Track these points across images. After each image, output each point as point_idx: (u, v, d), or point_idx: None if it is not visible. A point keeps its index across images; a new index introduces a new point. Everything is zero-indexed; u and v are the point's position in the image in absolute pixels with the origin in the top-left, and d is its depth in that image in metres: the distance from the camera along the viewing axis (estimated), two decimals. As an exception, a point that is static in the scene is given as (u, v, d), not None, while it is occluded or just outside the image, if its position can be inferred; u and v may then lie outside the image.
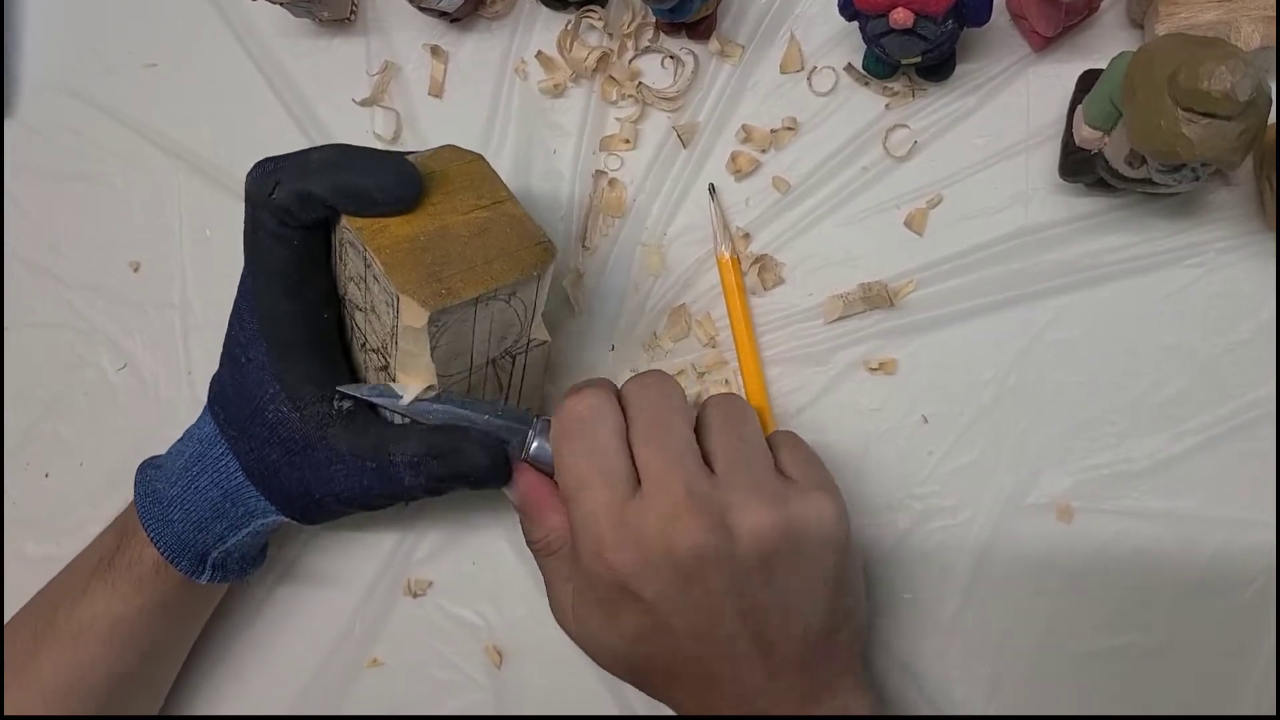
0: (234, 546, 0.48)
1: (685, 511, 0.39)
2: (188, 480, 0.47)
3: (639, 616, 0.40)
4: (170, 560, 0.47)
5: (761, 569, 0.40)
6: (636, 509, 0.40)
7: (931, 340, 0.51)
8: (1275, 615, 0.47)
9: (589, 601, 0.42)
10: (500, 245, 0.42)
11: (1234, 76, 0.38)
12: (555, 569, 0.44)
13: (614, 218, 0.54)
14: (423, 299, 0.40)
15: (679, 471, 0.40)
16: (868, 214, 0.52)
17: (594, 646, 0.43)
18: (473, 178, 0.44)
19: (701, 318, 0.53)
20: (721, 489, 0.40)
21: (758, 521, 0.40)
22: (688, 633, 0.40)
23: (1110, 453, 0.49)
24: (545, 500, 0.43)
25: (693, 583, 0.39)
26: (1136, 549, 0.48)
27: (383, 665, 0.54)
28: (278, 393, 0.44)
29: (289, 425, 0.44)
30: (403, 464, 0.43)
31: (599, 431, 0.41)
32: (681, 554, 0.39)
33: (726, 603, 0.39)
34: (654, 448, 0.41)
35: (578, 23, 0.54)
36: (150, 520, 0.47)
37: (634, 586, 0.39)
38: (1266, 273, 0.48)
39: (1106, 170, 0.46)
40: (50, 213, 0.61)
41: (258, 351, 0.44)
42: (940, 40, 0.46)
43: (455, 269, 0.41)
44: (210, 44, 0.59)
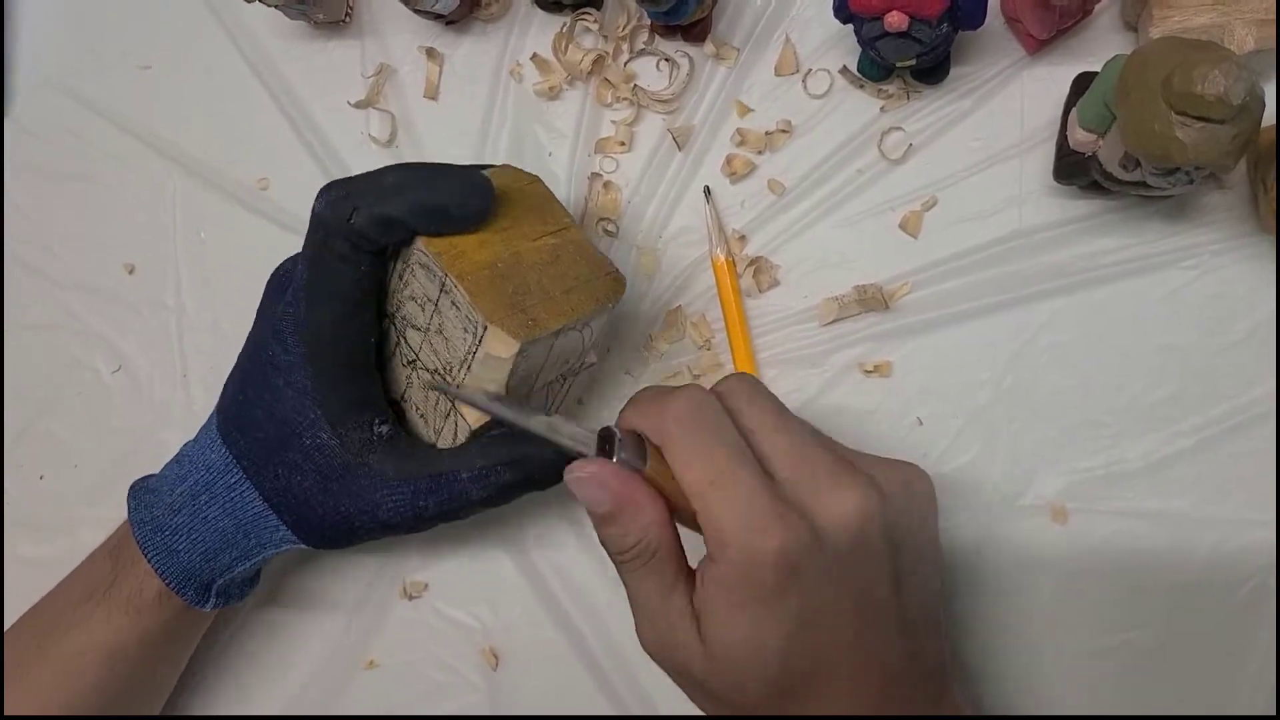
0: (241, 575, 0.48)
1: (842, 477, 0.37)
2: (193, 510, 0.46)
3: (801, 599, 0.36)
4: (175, 590, 0.46)
5: (902, 536, 0.38)
6: (789, 487, 0.37)
7: (926, 342, 0.51)
8: (1275, 614, 0.47)
9: (738, 602, 0.37)
10: (574, 275, 0.43)
11: (1227, 80, 0.38)
12: (653, 580, 0.39)
13: (609, 220, 0.54)
14: (512, 330, 0.40)
15: (814, 447, 0.38)
16: (863, 216, 0.52)
17: (738, 657, 0.37)
18: (535, 201, 0.45)
19: (697, 320, 0.53)
20: (838, 455, 0.39)
21: (895, 480, 0.39)
22: (850, 605, 0.37)
23: (1105, 454, 0.49)
24: (643, 494, 0.38)
25: (858, 549, 0.37)
26: (1131, 549, 0.48)
27: (379, 667, 0.54)
28: (318, 418, 0.43)
29: (327, 452, 0.43)
30: (469, 479, 0.43)
31: (721, 422, 0.38)
32: (852, 517, 0.37)
33: (883, 575, 0.38)
34: (781, 434, 0.39)
35: (573, 25, 0.55)
36: (153, 550, 0.46)
37: (804, 564, 0.36)
38: (1260, 275, 0.48)
39: (1100, 173, 0.46)
40: (45, 213, 0.61)
41: (300, 375, 0.43)
42: (935, 43, 0.46)
43: (536, 299, 0.41)
44: (205, 46, 0.59)
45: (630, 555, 0.39)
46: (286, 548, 0.46)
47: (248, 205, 0.58)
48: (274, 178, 0.58)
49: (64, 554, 0.57)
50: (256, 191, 0.58)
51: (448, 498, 0.43)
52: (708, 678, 0.38)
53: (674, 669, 0.39)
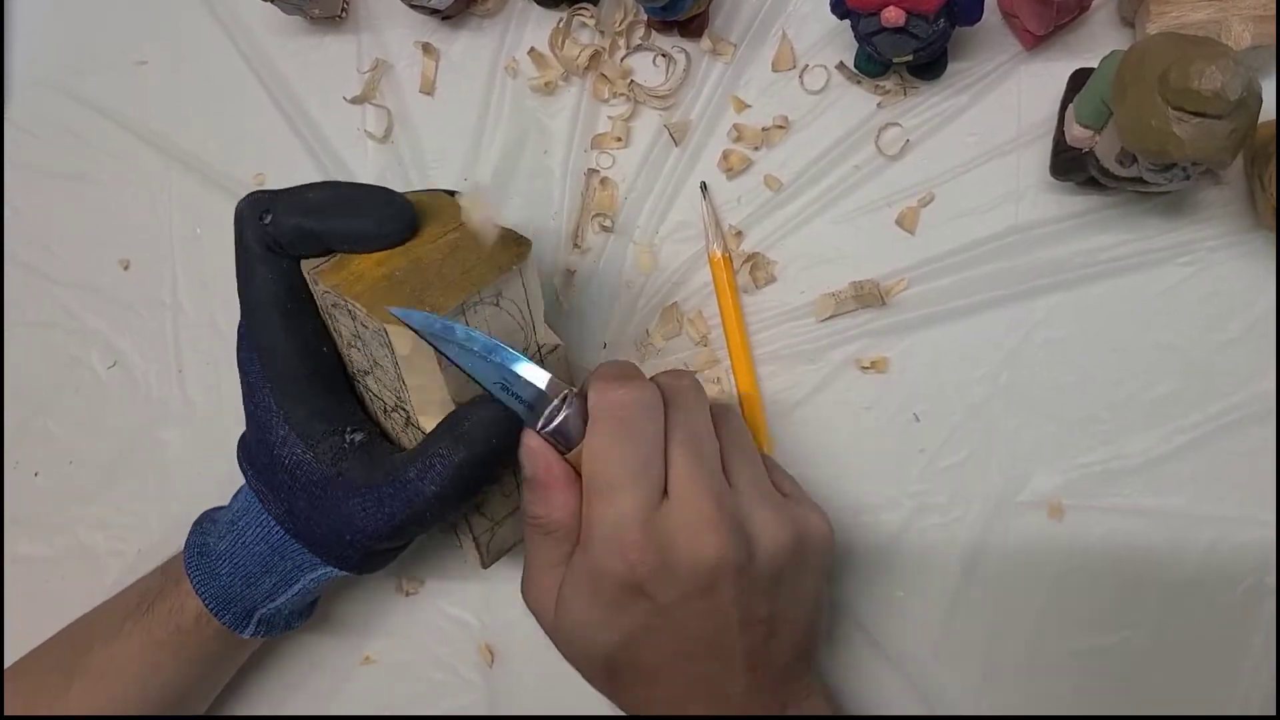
0: (284, 604, 0.47)
1: (713, 524, 0.39)
2: (235, 534, 0.46)
3: (644, 618, 0.40)
4: (214, 612, 0.46)
5: (771, 583, 0.41)
6: (666, 515, 0.40)
7: (923, 338, 0.51)
8: (1275, 612, 0.47)
9: (586, 594, 0.41)
10: (475, 255, 0.42)
11: (1224, 76, 0.38)
12: (546, 549, 0.42)
13: (606, 216, 0.54)
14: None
15: (710, 482, 0.40)
16: (859, 212, 0.52)
17: (575, 637, 0.42)
18: (439, 209, 0.44)
19: (693, 316, 0.53)
20: (744, 503, 0.41)
21: (776, 538, 0.41)
22: (688, 638, 0.40)
23: (1101, 451, 0.49)
24: (559, 479, 0.41)
25: (708, 592, 0.39)
26: (1127, 547, 0.48)
27: (375, 664, 0.54)
28: (288, 434, 0.43)
29: (305, 467, 0.43)
30: (415, 476, 0.41)
31: (644, 432, 0.40)
32: (705, 564, 0.39)
33: (733, 613, 0.40)
34: (690, 457, 0.41)
35: (569, 20, 0.54)
36: (197, 573, 0.46)
37: (649, 589, 0.39)
38: (1257, 271, 0.48)
39: (1097, 169, 0.46)
40: (41, 211, 0.61)
41: (264, 395, 0.43)
42: (932, 39, 0.46)
43: (435, 289, 0.40)
44: (201, 42, 0.59)
45: (532, 523, 0.42)
46: (320, 573, 0.46)
47: (244, 201, 0.58)
48: (270, 174, 0.58)
49: (60, 553, 0.58)
50: (253, 187, 0.58)
51: (406, 499, 0.42)
52: (554, 639, 0.43)
53: (534, 612, 0.44)
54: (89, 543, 0.57)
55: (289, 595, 0.47)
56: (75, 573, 0.57)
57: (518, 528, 0.48)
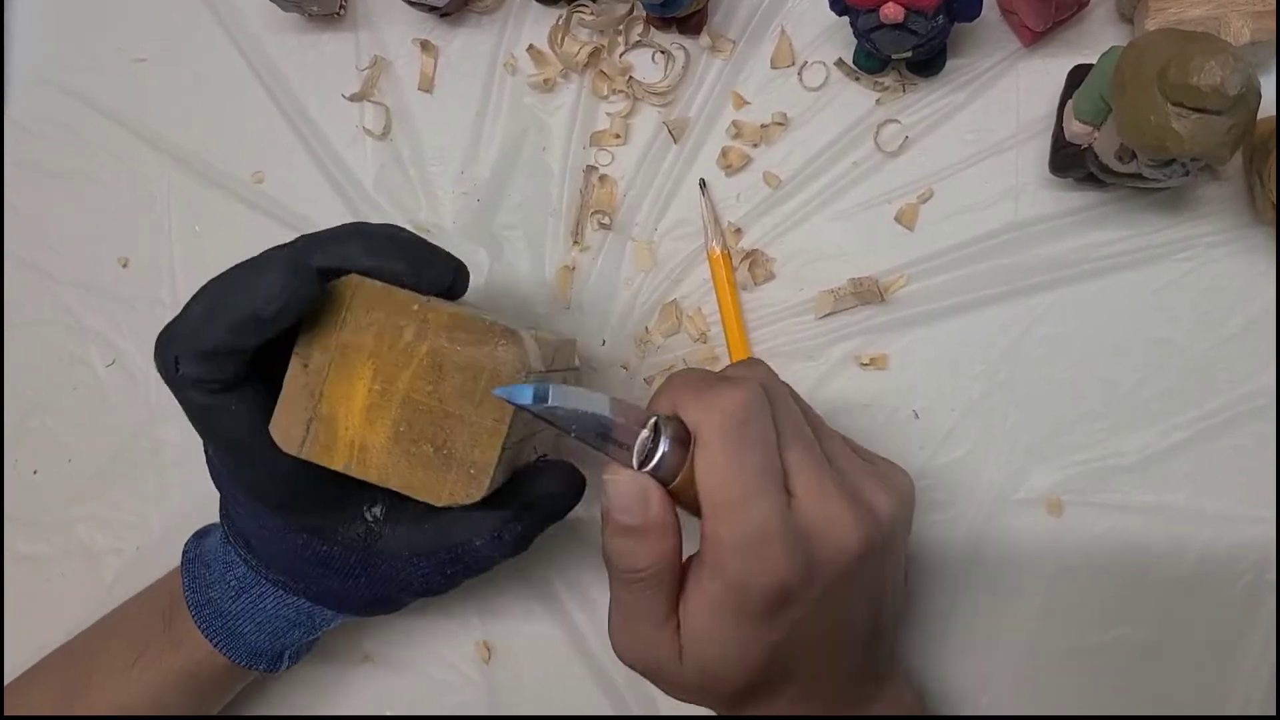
0: (312, 640, 0.49)
1: (845, 510, 0.38)
2: (250, 599, 0.45)
3: (789, 626, 0.37)
4: (246, 666, 0.47)
5: (889, 550, 0.40)
6: (800, 516, 0.37)
7: (922, 335, 0.51)
8: (1275, 610, 0.47)
9: (726, 622, 0.37)
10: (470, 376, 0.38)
11: (1223, 71, 0.38)
12: (650, 601, 0.39)
13: (604, 213, 0.54)
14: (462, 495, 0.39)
15: (825, 469, 0.39)
16: (858, 209, 0.52)
17: (713, 669, 0.38)
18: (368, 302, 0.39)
19: (692, 313, 0.53)
20: (849, 479, 0.39)
21: (888, 504, 0.39)
22: (829, 630, 0.39)
23: (1100, 447, 0.49)
24: (667, 525, 0.38)
25: (852, 579, 0.38)
26: (1126, 543, 0.48)
27: (374, 662, 0.54)
28: (308, 540, 0.42)
29: (336, 556, 0.43)
30: (483, 545, 0.42)
31: (760, 435, 0.37)
32: (850, 553, 0.37)
33: (869, 592, 0.39)
34: (805, 450, 0.38)
35: (568, 17, 0.54)
36: (218, 635, 0.46)
37: (799, 594, 0.37)
38: (1256, 267, 0.48)
39: (1096, 165, 0.46)
40: (39, 209, 0.60)
41: (266, 518, 0.43)
42: (931, 35, 0.46)
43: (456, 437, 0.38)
44: (199, 39, 0.59)
45: (643, 575, 0.38)
46: (338, 621, 0.47)
47: (243, 199, 0.58)
48: (269, 171, 0.58)
49: (58, 551, 0.58)
50: (252, 185, 0.58)
51: (472, 563, 0.43)
52: (678, 678, 0.39)
53: (644, 668, 0.40)
54: (88, 541, 0.57)
55: (318, 634, 0.48)
56: (74, 571, 0.57)
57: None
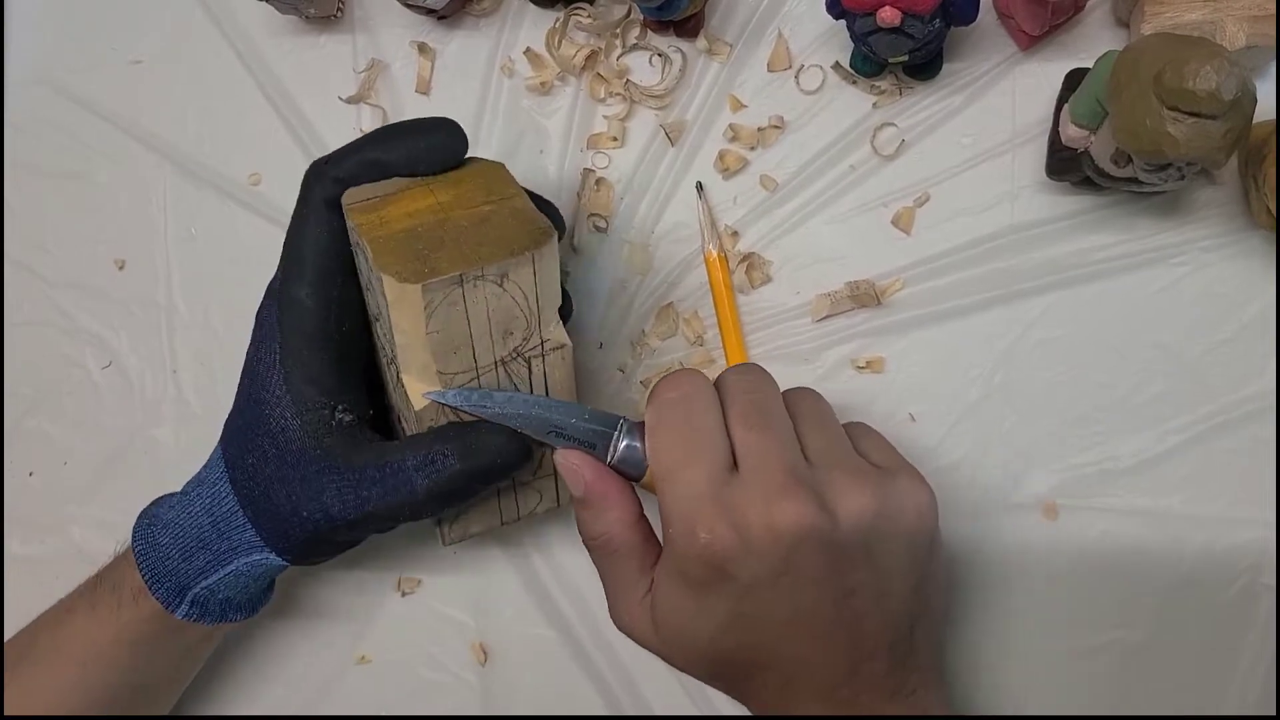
0: (216, 585, 0.45)
1: (787, 491, 0.38)
2: (184, 504, 0.45)
3: (732, 601, 0.39)
4: (148, 585, 0.45)
5: (860, 551, 0.39)
6: (737, 488, 0.38)
7: (918, 339, 0.51)
8: (1271, 612, 0.47)
9: (677, 589, 0.40)
10: (498, 233, 0.41)
11: (1219, 76, 0.38)
12: (619, 569, 0.42)
13: (601, 216, 0.54)
14: (402, 275, 0.38)
15: (780, 452, 0.39)
16: (855, 212, 0.52)
17: (678, 640, 0.41)
18: (489, 178, 0.43)
19: (689, 316, 0.53)
20: (820, 472, 0.39)
21: (858, 503, 0.39)
22: (782, 618, 0.39)
23: (1096, 451, 0.49)
24: (611, 493, 0.41)
25: (792, 564, 0.38)
26: (1121, 547, 0.48)
27: (370, 663, 0.54)
28: (282, 395, 0.42)
29: (289, 433, 0.42)
30: (413, 466, 0.41)
31: (695, 411, 0.40)
32: (782, 533, 0.37)
33: (824, 586, 0.38)
34: (755, 431, 0.40)
35: (566, 20, 0.54)
36: (139, 541, 0.45)
37: (731, 568, 0.38)
38: (1251, 270, 0.49)
39: (1092, 169, 0.46)
40: (34, 210, 0.60)
41: (270, 349, 0.43)
42: (927, 39, 0.46)
43: (444, 253, 0.39)
44: (196, 41, 0.59)
45: (595, 544, 0.42)
46: (257, 557, 0.45)
47: (239, 201, 0.58)
48: (265, 173, 0.58)
49: (54, 552, 0.57)
50: (248, 187, 0.58)
51: (392, 486, 0.41)
52: (661, 652, 0.42)
53: (637, 641, 0.43)
54: (83, 543, 0.57)
55: (222, 575, 0.45)
56: (69, 573, 0.56)
57: (487, 516, 0.46)
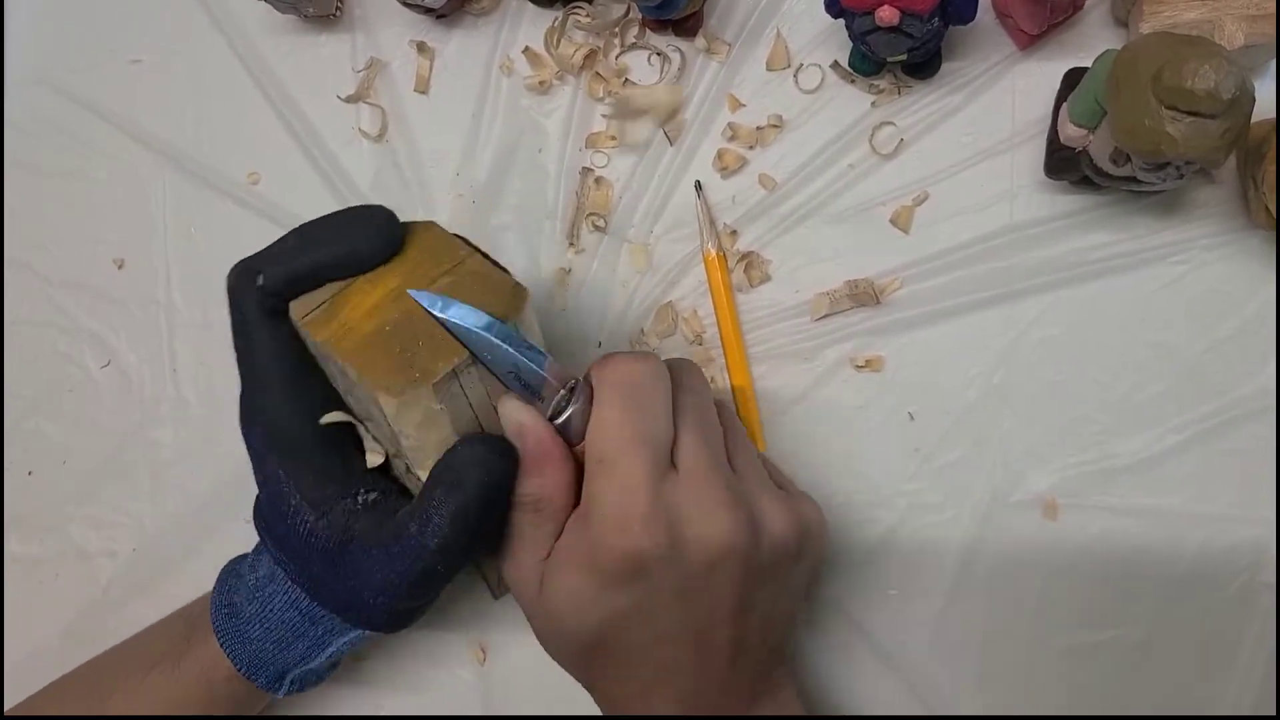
0: (317, 666, 0.46)
1: (726, 503, 0.38)
2: (263, 600, 0.45)
3: (639, 597, 0.38)
4: (246, 675, 0.45)
5: (769, 573, 0.40)
6: (674, 489, 0.38)
7: (917, 337, 0.51)
8: (1271, 610, 0.47)
9: (579, 569, 0.39)
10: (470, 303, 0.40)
11: (1217, 75, 0.38)
12: (534, 528, 0.41)
13: (600, 215, 0.54)
14: (394, 389, 0.38)
15: (720, 464, 0.39)
16: (854, 211, 0.52)
17: (558, 613, 0.40)
18: (431, 246, 0.42)
19: (688, 315, 0.53)
20: (748, 488, 0.40)
21: (780, 526, 0.40)
22: (677, 624, 0.39)
23: (1095, 449, 0.49)
24: (553, 455, 0.40)
25: (709, 575, 0.38)
26: (1121, 546, 0.48)
27: (368, 662, 0.54)
28: (299, 503, 0.42)
29: (319, 535, 0.42)
30: (416, 530, 0.40)
31: (652, 402, 0.39)
32: (714, 544, 0.38)
33: (727, 600, 0.39)
34: (700, 437, 0.40)
35: (564, 19, 0.54)
36: (226, 635, 0.45)
37: (651, 568, 0.38)
38: (1250, 270, 0.49)
39: (1091, 168, 0.46)
40: (34, 209, 0.60)
41: (272, 465, 0.42)
42: (926, 38, 0.46)
43: (425, 350, 0.39)
44: (195, 40, 0.59)
45: (524, 501, 0.41)
46: (355, 635, 0.45)
47: (238, 200, 0.58)
48: (264, 173, 0.58)
49: (53, 552, 0.57)
50: (247, 186, 0.58)
51: (413, 555, 0.40)
52: (533, 615, 0.42)
53: (516, 596, 0.42)
54: (82, 542, 0.57)
55: (323, 658, 0.46)
56: (68, 572, 0.57)
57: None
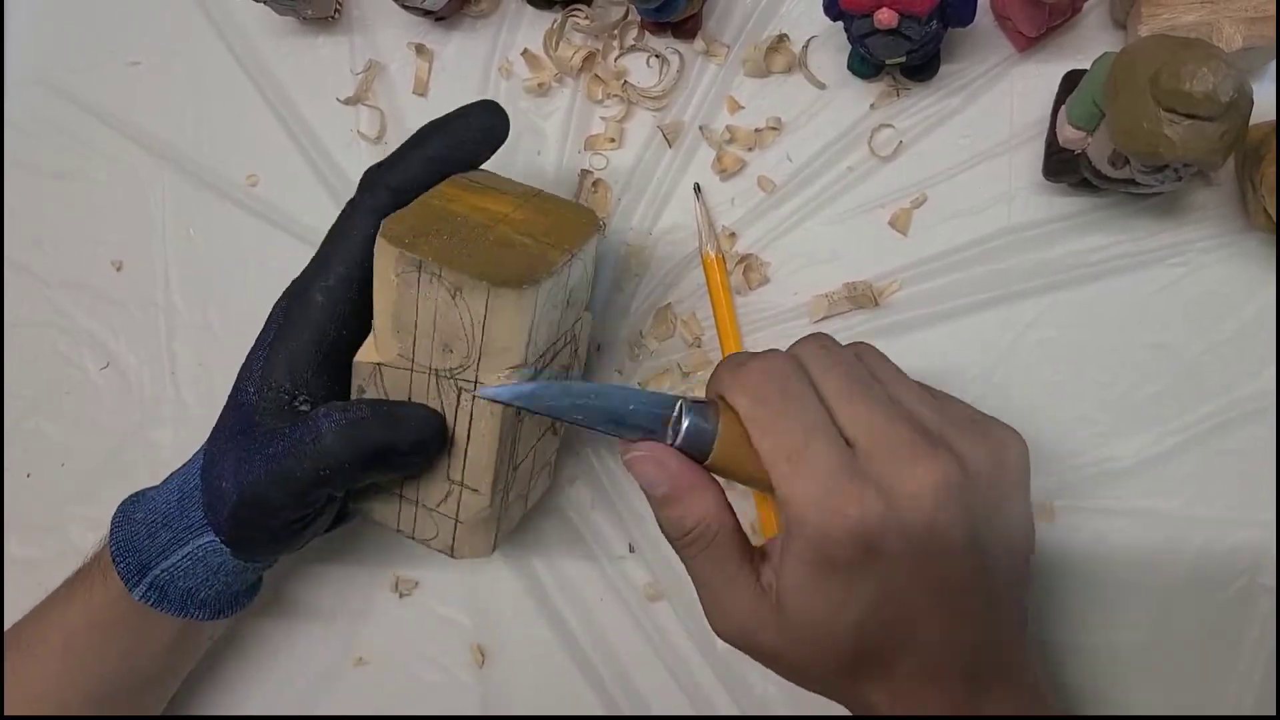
0: (175, 570, 0.45)
1: (920, 452, 0.36)
2: (166, 482, 0.46)
3: (881, 578, 0.36)
4: (114, 560, 0.44)
5: (992, 504, 0.37)
6: (866, 461, 0.36)
7: (916, 340, 0.51)
8: (1271, 612, 0.47)
9: (817, 578, 0.37)
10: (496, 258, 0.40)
11: (1215, 78, 0.38)
12: (718, 563, 0.39)
13: (599, 217, 0.54)
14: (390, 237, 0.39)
15: (896, 417, 0.37)
16: (852, 213, 0.52)
17: (814, 633, 0.38)
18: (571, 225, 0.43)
19: (687, 317, 0.53)
20: (929, 426, 0.38)
21: (982, 455, 0.37)
22: (929, 584, 0.36)
23: (1093, 452, 0.49)
24: (700, 482, 0.39)
25: (936, 524, 0.36)
26: (1120, 548, 0.48)
27: (368, 665, 0.54)
28: (256, 371, 0.43)
29: (246, 408, 0.42)
30: (323, 414, 0.40)
31: (799, 391, 0.38)
32: (927, 494, 0.36)
33: (961, 536, 0.36)
34: (861, 405, 0.37)
35: (563, 22, 0.54)
36: (117, 516, 0.46)
37: (880, 540, 0.35)
38: (1249, 272, 0.49)
39: (1089, 170, 0.46)
40: (33, 210, 0.60)
41: (270, 331, 0.43)
42: (925, 40, 0.46)
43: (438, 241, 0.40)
44: (194, 42, 0.59)
45: (690, 539, 0.39)
46: (207, 539, 0.44)
47: (237, 202, 0.58)
48: (263, 175, 0.58)
49: (52, 554, 0.57)
50: (246, 188, 0.58)
51: (297, 439, 0.40)
52: (783, 651, 0.38)
53: (748, 646, 0.39)
54: (81, 544, 0.57)
55: (179, 557, 0.44)
56: (67, 573, 0.57)
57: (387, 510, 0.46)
